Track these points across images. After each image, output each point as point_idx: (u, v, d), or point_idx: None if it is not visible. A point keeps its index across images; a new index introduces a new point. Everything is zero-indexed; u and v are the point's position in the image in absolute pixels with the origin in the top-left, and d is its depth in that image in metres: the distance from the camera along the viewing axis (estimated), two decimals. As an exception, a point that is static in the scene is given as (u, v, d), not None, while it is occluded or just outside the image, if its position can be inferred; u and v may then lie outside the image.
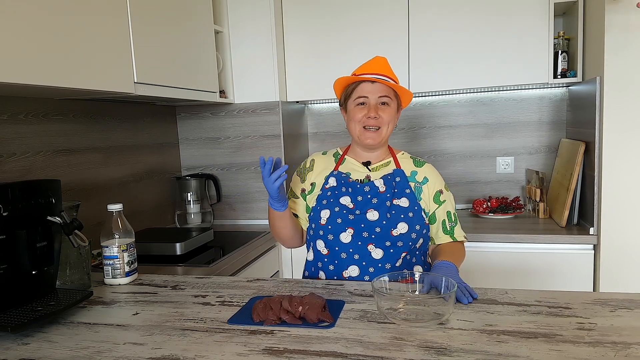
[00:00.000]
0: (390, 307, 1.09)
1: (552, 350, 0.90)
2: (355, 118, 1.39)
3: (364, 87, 1.37)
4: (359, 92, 1.38)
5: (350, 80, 1.39)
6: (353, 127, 1.41)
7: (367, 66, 1.39)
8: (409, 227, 1.35)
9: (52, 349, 1.01)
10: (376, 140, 1.39)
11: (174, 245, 1.87)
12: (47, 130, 1.80)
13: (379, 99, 1.37)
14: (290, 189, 1.56)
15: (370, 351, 0.93)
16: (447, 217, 1.43)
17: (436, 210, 1.42)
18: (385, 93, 1.37)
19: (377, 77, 1.35)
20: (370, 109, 1.36)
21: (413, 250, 1.39)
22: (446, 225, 1.43)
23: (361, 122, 1.38)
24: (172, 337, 1.04)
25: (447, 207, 1.44)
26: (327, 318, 1.07)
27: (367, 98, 1.37)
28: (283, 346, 0.97)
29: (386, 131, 1.39)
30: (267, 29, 2.43)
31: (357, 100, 1.38)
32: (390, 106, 1.38)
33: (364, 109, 1.37)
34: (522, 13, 2.25)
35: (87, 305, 1.26)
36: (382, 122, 1.37)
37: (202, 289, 1.34)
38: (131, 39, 1.69)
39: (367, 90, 1.37)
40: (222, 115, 2.57)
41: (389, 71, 1.39)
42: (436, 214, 1.42)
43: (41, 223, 1.16)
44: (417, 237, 1.38)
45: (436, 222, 1.43)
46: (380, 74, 1.36)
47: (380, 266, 1.36)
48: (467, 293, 1.15)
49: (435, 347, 0.93)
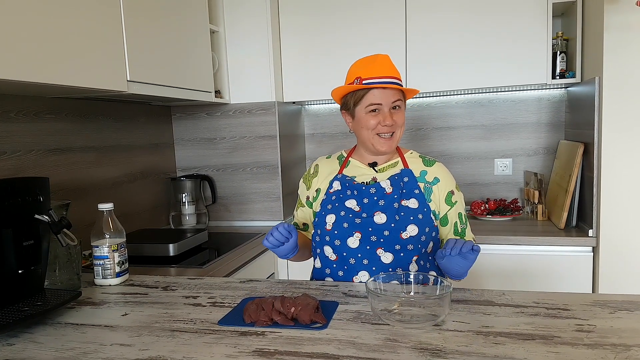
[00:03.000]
0: (385, 308, 1.06)
1: (550, 352, 0.88)
2: (369, 126, 1.33)
3: (376, 94, 1.30)
4: (370, 99, 1.31)
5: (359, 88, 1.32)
6: (366, 135, 1.35)
7: (374, 69, 1.30)
8: (419, 229, 1.30)
9: (37, 350, 0.98)
10: (391, 146, 1.35)
11: (167, 246, 1.84)
12: (39, 129, 1.77)
13: (392, 104, 1.32)
14: (298, 198, 1.53)
15: (363, 353, 0.90)
16: (459, 218, 1.39)
17: (448, 212, 1.37)
18: (397, 97, 1.32)
19: (388, 81, 1.29)
20: (386, 117, 1.31)
21: (424, 254, 1.34)
22: (457, 227, 1.38)
23: (375, 129, 1.33)
24: (160, 338, 1.01)
25: (459, 208, 1.39)
26: (320, 319, 1.05)
27: (381, 105, 1.31)
28: (274, 347, 0.94)
29: (400, 134, 1.35)
30: (264, 28, 2.41)
31: (370, 107, 1.32)
32: (402, 108, 1.35)
33: (377, 116, 1.32)
34: (520, 13, 2.23)
35: (76, 305, 1.23)
36: (396, 126, 1.33)
37: (194, 290, 1.32)
38: (124, 36, 1.67)
39: (380, 97, 1.30)
40: (218, 116, 2.54)
41: (395, 71, 1.33)
42: (448, 216, 1.37)
43: (28, 221, 1.14)
44: (427, 240, 1.33)
45: (448, 224, 1.38)
46: (390, 76, 1.30)
47: (391, 271, 1.30)
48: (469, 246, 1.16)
49: (430, 349, 0.91)
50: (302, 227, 1.51)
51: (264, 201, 2.54)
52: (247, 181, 2.55)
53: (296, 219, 1.53)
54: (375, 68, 1.31)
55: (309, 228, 1.50)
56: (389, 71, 1.31)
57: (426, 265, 1.36)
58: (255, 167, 2.53)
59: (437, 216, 1.37)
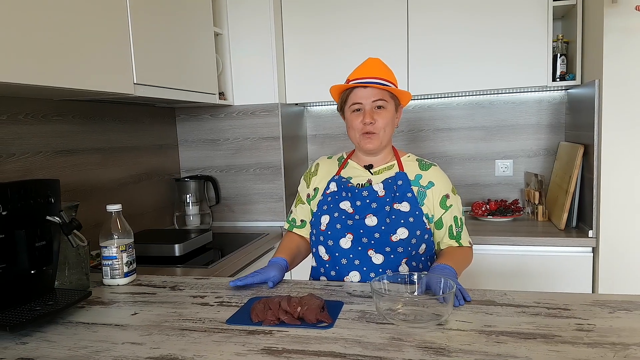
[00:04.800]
0: (389, 308, 1.09)
1: (550, 351, 0.90)
2: (353, 125, 1.38)
3: (357, 93, 1.35)
4: (353, 99, 1.36)
5: (343, 87, 1.37)
6: (352, 134, 1.40)
7: (360, 70, 1.36)
8: (409, 232, 1.33)
9: (50, 349, 1.01)
10: (375, 144, 1.37)
11: (172, 246, 1.87)
12: (47, 131, 1.80)
13: (373, 103, 1.35)
14: (298, 194, 1.56)
15: (369, 351, 0.93)
16: (454, 222, 1.41)
17: (442, 215, 1.39)
18: (379, 97, 1.34)
19: (369, 81, 1.33)
20: (366, 115, 1.35)
21: (415, 256, 1.37)
22: (452, 230, 1.40)
23: (358, 128, 1.37)
24: (170, 337, 1.04)
25: (454, 212, 1.41)
26: (326, 319, 1.07)
27: (362, 104, 1.35)
28: (282, 346, 0.96)
29: (384, 134, 1.37)
30: (267, 31, 2.44)
31: (353, 107, 1.37)
32: (386, 109, 1.36)
33: (359, 115, 1.36)
34: (521, 16, 2.25)
35: (86, 305, 1.26)
36: (377, 127, 1.35)
37: (201, 290, 1.34)
38: (131, 39, 1.69)
39: (360, 96, 1.35)
40: (221, 117, 2.57)
41: (382, 72, 1.35)
42: (443, 219, 1.39)
43: (40, 223, 1.16)
44: (417, 243, 1.36)
45: (443, 227, 1.40)
46: (373, 76, 1.33)
47: (382, 271, 1.34)
48: (459, 295, 1.14)
49: (434, 348, 0.93)
50: (300, 224, 1.54)
51: (267, 202, 2.56)
52: (250, 182, 2.58)
53: (294, 215, 1.56)
54: (361, 69, 1.37)
55: (306, 225, 1.53)
56: (372, 72, 1.35)
57: (418, 266, 1.39)
58: (258, 168, 2.56)
59: (430, 219, 1.39)
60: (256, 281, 1.32)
